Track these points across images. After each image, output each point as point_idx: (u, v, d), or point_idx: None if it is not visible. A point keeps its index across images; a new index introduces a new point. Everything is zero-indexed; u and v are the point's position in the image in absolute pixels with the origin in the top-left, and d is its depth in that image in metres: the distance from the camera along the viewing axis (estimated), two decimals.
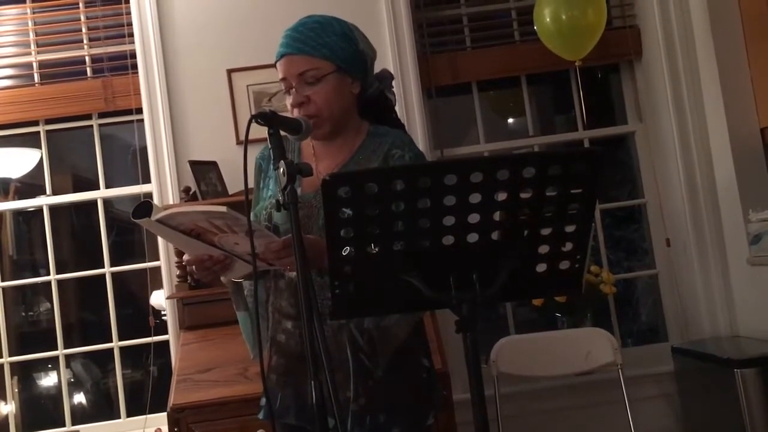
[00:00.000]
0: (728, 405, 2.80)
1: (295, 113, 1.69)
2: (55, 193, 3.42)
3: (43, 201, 3.38)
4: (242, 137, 2.89)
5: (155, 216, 1.45)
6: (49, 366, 3.88)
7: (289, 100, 1.70)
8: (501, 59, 3.41)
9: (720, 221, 3.27)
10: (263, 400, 1.78)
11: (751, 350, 2.97)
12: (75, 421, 3.33)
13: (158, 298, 3.26)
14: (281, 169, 1.37)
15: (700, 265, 3.28)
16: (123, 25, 3.28)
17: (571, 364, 2.91)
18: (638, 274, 3.73)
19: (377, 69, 1.83)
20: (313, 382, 1.29)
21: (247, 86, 3.22)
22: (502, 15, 3.49)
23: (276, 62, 1.72)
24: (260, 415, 1.80)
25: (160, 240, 3.15)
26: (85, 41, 3.36)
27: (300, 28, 1.70)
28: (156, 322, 3.21)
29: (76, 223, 4.16)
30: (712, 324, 3.27)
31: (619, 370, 2.82)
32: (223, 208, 1.42)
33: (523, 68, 3.45)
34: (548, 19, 3.09)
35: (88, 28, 3.36)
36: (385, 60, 3.19)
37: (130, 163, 3.48)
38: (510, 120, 3.93)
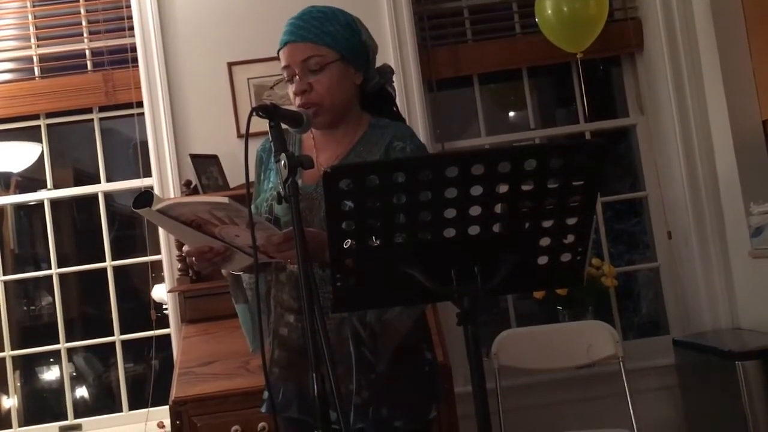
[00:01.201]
0: (729, 397, 2.80)
1: (297, 101, 1.69)
2: (56, 187, 3.42)
3: (44, 195, 3.38)
4: (243, 130, 2.88)
5: (156, 206, 1.45)
6: (51, 360, 3.89)
7: (291, 89, 1.70)
8: (502, 52, 3.40)
9: (721, 214, 3.26)
10: (265, 394, 1.78)
11: (752, 342, 2.97)
12: (77, 415, 3.34)
13: (160, 292, 3.26)
14: (282, 162, 1.37)
15: (702, 257, 3.28)
16: (123, 19, 3.27)
17: (573, 357, 2.91)
18: (639, 267, 3.73)
19: (378, 62, 1.82)
20: (314, 376, 1.29)
21: (248, 79, 3.21)
22: (503, 7, 3.48)
23: (279, 50, 1.72)
24: (262, 409, 1.81)
25: (161, 233, 3.15)
26: (85, 35, 3.35)
27: (304, 16, 1.70)
28: (157, 316, 3.21)
29: (77, 217, 4.17)
30: (714, 316, 3.27)
31: (621, 363, 2.82)
32: (225, 199, 1.42)
33: (525, 61, 3.44)
34: (549, 12, 3.08)
35: (89, 22, 3.35)
36: (386, 52, 3.18)
37: (131, 156, 3.48)
38: (511, 113, 3.93)
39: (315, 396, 1.29)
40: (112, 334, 3.35)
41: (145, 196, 1.45)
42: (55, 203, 3.44)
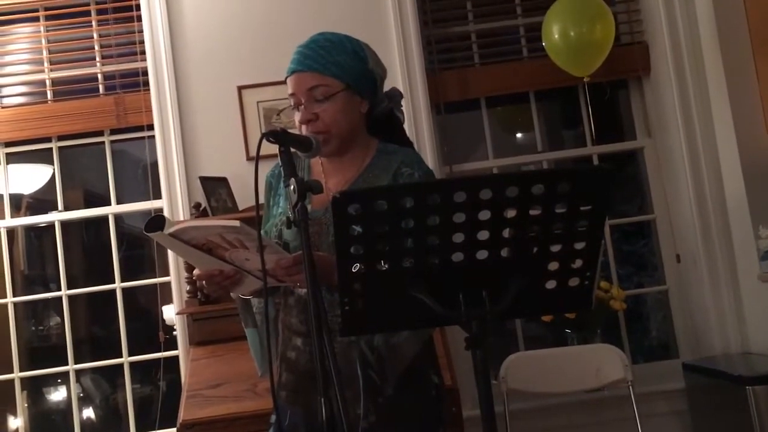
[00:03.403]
0: (740, 422, 2.77)
1: (303, 130, 1.70)
2: (66, 208, 3.44)
3: (55, 217, 3.41)
4: (252, 153, 2.89)
5: (168, 230, 1.46)
6: (59, 381, 3.88)
7: (297, 117, 1.72)
8: (509, 75, 3.42)
9: (730, 237, 3.25)
10: (273, 417, 1.78)
11: (762, 367, 2.94)
12: None
13: (168, 313, 3.27)
14: (292, 187, 1.38)
15: (711, 281, 3.27)
16: (135, 43, 3.32)
17: (581, 381, 2.89)
18: (648, 290, 3.72)
19: (386, 86, 1.84)
20: (322, 400, 1.29)
21: (257, 103, 3.24)
22: (510, 31, 3.51)
23: (286, 78, 1.74)
24: None
25: (170, 255, 3.17)
26: (97, 59, 3.39)
27: (311, 45, 1.72)
28: (166, 338, 3.21)
29: (87, 239, 4.18)
30: (723, 340, 3.25)
31: (630, 387, 2.80)
32: (237, 222, 1.43)
33: (532, 84, 3.46)
34: (556, 36, 3.11)
35: (101, 46, 3.40)
36: (394, 76, 3.20)
37: (141, 178, 3.51)
38: (518, 135, 3.94)
39: (323, 420, 1.29)
40: (121, 356, 3.35)
41: (157, 220, 1.46)
42: (65, 225, 3.45)
